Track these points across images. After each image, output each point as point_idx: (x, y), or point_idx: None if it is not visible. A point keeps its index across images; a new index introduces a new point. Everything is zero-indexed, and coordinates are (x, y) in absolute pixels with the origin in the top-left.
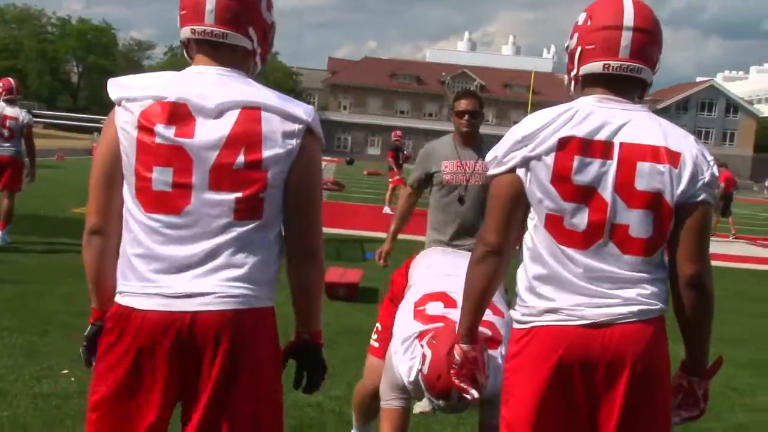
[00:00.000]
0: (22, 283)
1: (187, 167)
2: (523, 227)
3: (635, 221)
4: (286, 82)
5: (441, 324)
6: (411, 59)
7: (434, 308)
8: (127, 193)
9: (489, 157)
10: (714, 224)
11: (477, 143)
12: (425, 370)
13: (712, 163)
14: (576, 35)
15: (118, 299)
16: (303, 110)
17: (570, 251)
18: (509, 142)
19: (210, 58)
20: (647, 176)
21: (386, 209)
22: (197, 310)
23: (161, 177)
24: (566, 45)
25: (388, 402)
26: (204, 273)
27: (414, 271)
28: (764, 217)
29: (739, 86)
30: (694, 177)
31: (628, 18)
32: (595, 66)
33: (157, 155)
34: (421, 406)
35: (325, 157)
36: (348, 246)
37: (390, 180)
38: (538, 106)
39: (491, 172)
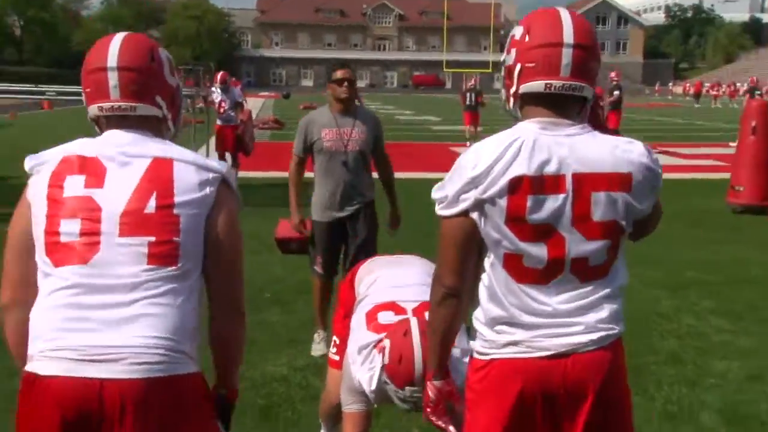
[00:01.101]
0: None
1: (96, 216)
2: (480, 265)
3: (594, 252)
4: (219, 23)
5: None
6: None
7: (386, 317)
8: (39, 254)
9: (436, 194)
10: None
11: (353, 111)
12: (386, 360)
13: (658, 164)
14: (514, 51)
15: (27, 366)
16: (218, 163)
17: (529, 289)
18: (459, 182)
19: (122, 130)
20: (603, 206)
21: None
22: (106, 377)
23: (69, 228)
24: (502, 59)
25: (349, 406)
26: (116, 329)
27: (360, 287)
28: (658, 122)
29: None
30: (648, 192)
31: (568, 34)
32: (536, 85)
33: (66, 208)
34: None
35: (263, 93)
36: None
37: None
38: (452, 30)
39: (441, 212)
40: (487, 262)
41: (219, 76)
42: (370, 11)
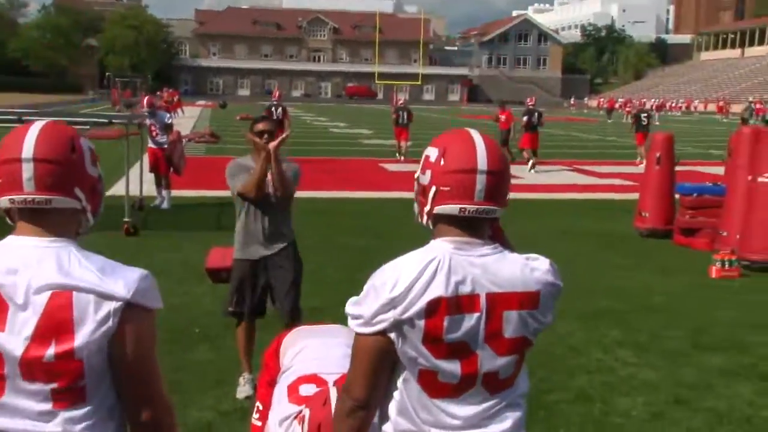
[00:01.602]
0: None
1: None
2: (392, 379)
3: (504, 366)
4: (157, 33)
5: None
6: (270, 7)
7: (306, 390)
8: None
9: (352, 310)
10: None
11: (275, 160)
12: (305, 429)
13: (559, 277)
14: (428, 172)
15: None
16: (123, 284)
17: (442, 403)
18: (376, 303)
19: (33, 225)
20: (514, 324)
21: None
22: None
23: None
24: (416, 176)
25: None
26: None
27: (285, 359)
28: (575, 137)
29: (547, 17)
30: (550, 307)
31: (482, 162)
32: (451, 209)
33: None
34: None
35: (200, 102)
36: (226, 211)
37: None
38: (383, 44)
39: (357, 330)
40: (400, 377)
41: (145, 100)
42: (305, 24)
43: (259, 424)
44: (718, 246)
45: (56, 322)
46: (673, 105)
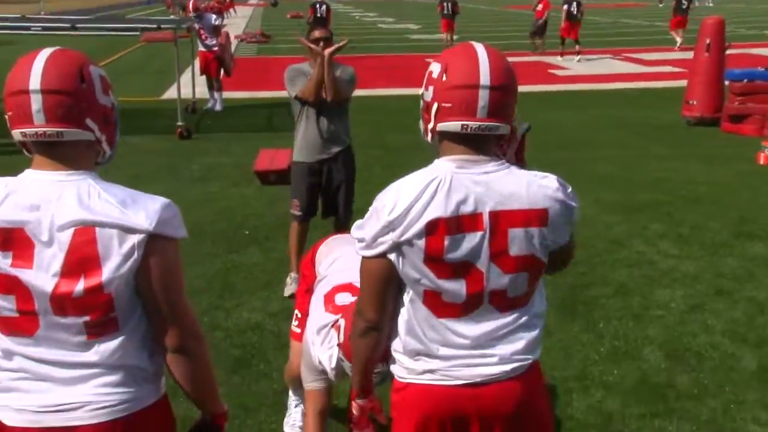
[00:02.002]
0: None
1: (28, 296)
2: (400, 299)
3: (512, 284)
4: None
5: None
6: None
7: (342, 298)
8: None
9: (356, 234)
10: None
11: (330, 65)
12: (341, 338)
13: (573, 199)
14: (431, 88)
15: None
16: (145, 216)
17: (449, 322)
18: (376, 225)
19: (48, 158)
20: (519, 242)
21: None
22: (70, 425)
23: (6, 304)
24: (421, 92)
25: (310, 384)
26: (73, 384)
27: (320, 267)
28: (623, 24)
29: None
30: (563, 226)
31: (485, 77)
32: (453, 125)
33: None
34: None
35: (252, 1)
36: (277, 112)
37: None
38: None
39: (361, 252)
40: (407, 297)
41: (190, 4)
42: None
43: (298, 331)
44: (767, 132)
45: (83, 258)
46: None
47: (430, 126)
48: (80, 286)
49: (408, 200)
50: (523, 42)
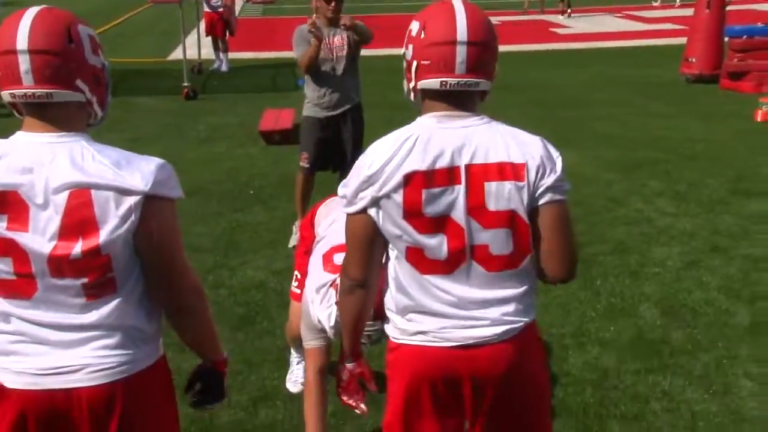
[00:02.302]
0: None
1: (25, 258)
2: (385, 256)
3: (493, 240)
4: None
5: None
6: None
7: (340, 258)
8: None
9: (340, 191)
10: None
11: (337, 23)
12: (338, 295)
13: (556, 161)
14: (411, 47)
15: None
16: (140, 177)
17: (435, 279)
18: (356, 181)
19: (39, 119)
20: (495, 196)
21: None
22: (69, 387)
23: (3, 267)
24: (402, 52)
25: (309, 342)
26: (72, 347)
27: (319, 229)
28: None
29: None
30: (538, 184)
31: (462, 32)
32: (432, 83)
33: None
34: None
35: None
36: (282, 72)
37: None
38: None
39: (344, 209)
40: (392, 254)
41: None
42: None
43: (298, 291)
44: (766, 89)
45: (79, 220)
46: None
47: (411, 85)
48: (78, 248)
49: (386, 155)
50: None
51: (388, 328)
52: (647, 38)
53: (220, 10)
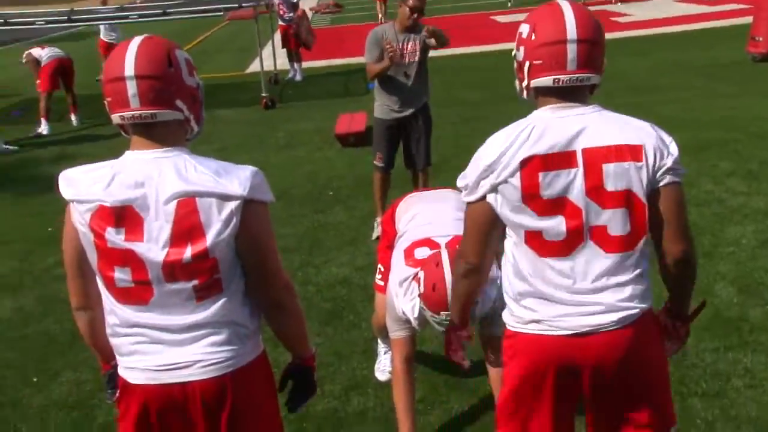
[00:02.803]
0: None
1: (142, 266)
2: (502, 243)
3: (612, 220)
4: None
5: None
6: None
7: (421, 253)
8: (100, 283)
9: (460, 183)
10: None
11: (414, 29)
12: (422, 288)
13: (671, 144)
14: (522, 48)
15: (120, 371)
16: (238, 183)
17: (553, 261)
18: (476, 171)
19: (145, 138)
20: (614, 176)
21: None
22: (184, 381)
23: (122, 276)
24: (513, 53)
25: (395, 333)
26: (185, 345)
27: (400, 224)
28: None
29: None
30: (657, 165)
31: (572, 31)
32: (545, 80)
33: (113, 257)
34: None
35: None
36: (353, 78)
37: None
38: None
39: (465, 198)
40: (510, 241)
41: None
42: None
43: (382, 283)
44: None
45: (188, 227)
46: None
47: (525, 84)
48: (188, 253)
49: (503, 145)
50: None
51: (505, 316)
52: (711, 20)
53: (293, 23)
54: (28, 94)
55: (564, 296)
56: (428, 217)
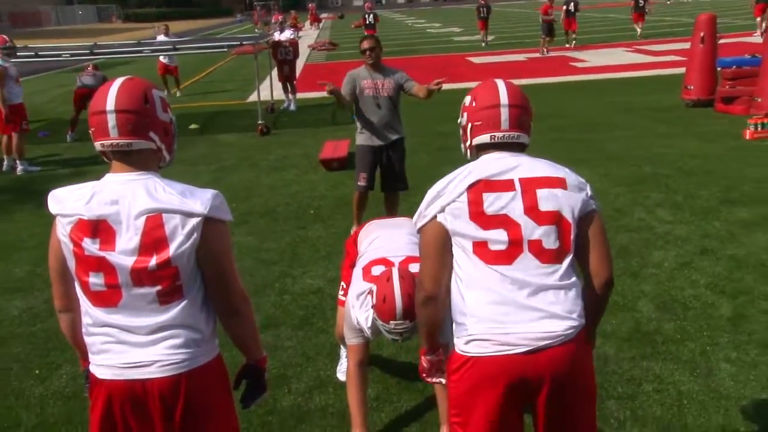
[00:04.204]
0: None
1: (113, 272)
2: (452, 271)
3: (545, 236)
4: None
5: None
6: None
7: (377, 270)
8: (78, 288)
9: (414, 219)
10: (546, 44)
11: (381, 68)
12: (374, 300)
13: (585, 182)
14: (465, 114)
15: (91, 368)
16: (200, 203)
17: (497, 267)
18: (427, 200)
19: (122, 163)
20: (546, 199)
21: None
22: (144, 378)
23: (96, 280)
24: (459, 121)
25: (351, 340)
26: (147, 347)
27: (361, 246)
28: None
29: None
30: (578, 195)
31: (504, 98)
32: (484, 138)
33: (89, 263)
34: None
35: (324, 15)
36: (340, 109)
37: None
38: None
39: (418, 225)
40: (458, 254)
41: (275, 17)
42: None
43: (344, 299)
44: (753, 111)
45: (154, 239)
46: None
47: (468, 144)
48: (153, 261)
49: (450, 177)
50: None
51: (455, 329)
52: (654, 69)
53: (290, 58)
54: (54, 116)
55: (508, 300)
56: (384, 240)
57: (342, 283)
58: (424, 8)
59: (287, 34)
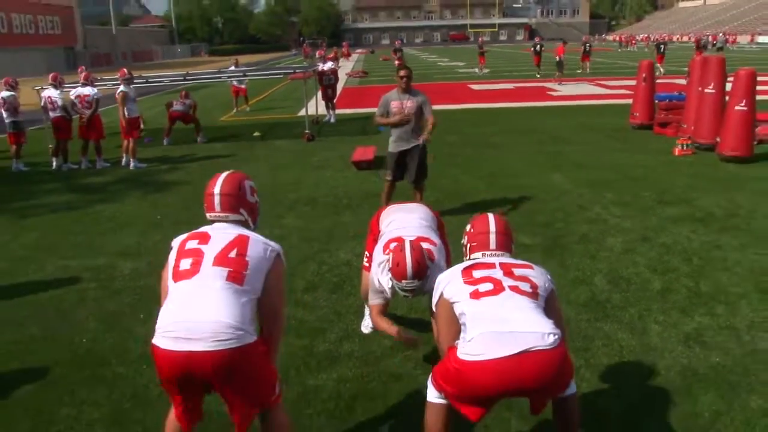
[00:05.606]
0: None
1: (201, 255)
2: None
3: (521, 284)
4: (326, 7)
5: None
6: None
7: (393, 245)
8: (169, 278)
9: (432, 303)
10: (560, 77)
11: (409, 90)
12: (390, 265)
13: (548, 274)
14: (466, 236)
15: (154, 339)
16: (276, 244)
17: (488, 299)
18: (436, 292)
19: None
20: (520, 269)
21: None
22: (197, 349)
23: (185, 264)
24: (462, 241)
25: (374, 300)
26: (202, 323)
27: (382, 225)
28: (599, 62)
29: None
30: (543, 279)
31: (492, 226)
32: (477, 254)
33: (185, 253)
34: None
35: (358, 50)
36: (369, 122)
37: None
38: (473, 5)
39: (433, 305)
40: (461, 308)
41: (320, 53)
42: None
43: (367, 265)
44: (680, 134)
45: (239, 244)
46: (666, 37)
47: (467, 259)
48: (233, 252)
49: (448, 270)
50: (531, 73)
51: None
52: (609, 99)
53: (331, 83)
54: (156, 126)
55: (499, 319)
56: (400, 222)
57: (366, 253)
58: (436, 46)
59: (329, 65)
